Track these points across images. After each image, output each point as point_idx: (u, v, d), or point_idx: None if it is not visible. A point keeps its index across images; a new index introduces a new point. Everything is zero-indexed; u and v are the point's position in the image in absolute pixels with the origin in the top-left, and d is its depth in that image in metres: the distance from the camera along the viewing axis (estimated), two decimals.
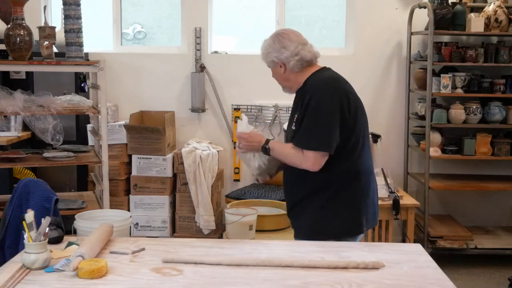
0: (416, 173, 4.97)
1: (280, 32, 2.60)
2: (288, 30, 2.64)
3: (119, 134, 4.74)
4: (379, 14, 4.96)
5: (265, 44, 2.59)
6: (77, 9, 3.53)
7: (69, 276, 1.93)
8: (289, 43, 2.54)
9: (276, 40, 2.55)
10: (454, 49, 4.62)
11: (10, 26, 3.38)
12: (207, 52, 5.03)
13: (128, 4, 5.31)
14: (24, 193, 2.52)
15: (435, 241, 4.56)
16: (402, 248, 2.33)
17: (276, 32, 2.62)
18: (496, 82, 4.60)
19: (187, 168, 4.60)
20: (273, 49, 2.55)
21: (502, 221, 5.15)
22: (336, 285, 1.90)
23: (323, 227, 2.51)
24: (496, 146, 4.62)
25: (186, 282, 1.92)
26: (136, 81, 5.03)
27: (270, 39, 2.58)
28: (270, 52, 2.56)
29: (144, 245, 2.24)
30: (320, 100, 2.44)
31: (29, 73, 4.60)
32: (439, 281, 1.98)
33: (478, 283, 4.34)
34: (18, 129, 4.36)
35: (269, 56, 2.57)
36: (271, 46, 2.56)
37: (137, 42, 5.50)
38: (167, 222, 4.75)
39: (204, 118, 5.05)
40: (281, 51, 2.54)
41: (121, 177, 4.75)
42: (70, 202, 3.75)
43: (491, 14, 4.51)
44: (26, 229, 2.02)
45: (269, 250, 2.22)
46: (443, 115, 4.58)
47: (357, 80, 5.00)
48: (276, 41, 2.55)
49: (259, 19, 5.39)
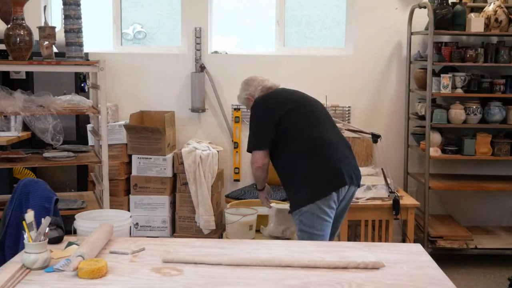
0: (416, 173, 4.97)
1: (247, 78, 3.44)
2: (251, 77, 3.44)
3: (119, 134, 4.74)
4: (379, 14, 4.96)
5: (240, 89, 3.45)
6: (77, 9, 3.53)
7: (69, 276, 1.93)
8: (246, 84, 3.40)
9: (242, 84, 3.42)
10: (454, 49, 4.62)
11: (10, 26, 3.38)
12: (207, 52, 5.03)
13: (128, 4, 5.30)
14: (24, 193, 2.52)
15: (435, 241, 4.56)
16: (402, 248, 2.33)
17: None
18: (496, 82, 4.60)
19: (187, 168, 4.60)
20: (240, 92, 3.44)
21: (502, 221, 5.15)
22: (336, 285, 1.90)
23: (295, 201, 3.08)
24: (496, 146, 4.62)
25: (186, 282, 1.92)
26: (136, 81, 5.03)
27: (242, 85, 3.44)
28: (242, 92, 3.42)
29: (144, 245, 2.24)
30: (255, 108, 3.26)
31: (29, 73, 4.60)
32: (439, 281, 1.98)
33: (478, 283, 4.34)
34: (18, 129, 4.36)
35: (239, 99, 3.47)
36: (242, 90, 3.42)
37: (137, 42, 5.50)
38: (167, 222, 4.75)
39: (204, 118, 5.05)
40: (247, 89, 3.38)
41: (121, 177, 4.75)
42: (70, 202, 3.75)
43: (491, 14, 4.51)
44: (26, 229, 2.01)
45: (269, 250, 2.22)
46: (443, 115, 4.58)
47: (357, 80, 5.04)
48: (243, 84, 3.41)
49: (259, 19, 5.39)
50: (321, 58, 4.99)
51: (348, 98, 4.98)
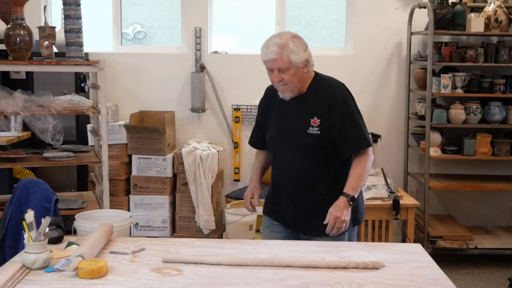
0: (416, 173, 4.97)
1: (294, 34, 2.58)
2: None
3: (119, 134, 4.74)
4: (379, 14, 4.96)
5: (294, 43, 2.51)
6: (77, 9, 3.53)
7: (69, 276, 1.93)
8: (306, 44, 2.58)
9: (299, 40, 2.54)
10: (454, 49, 4.62)
11: (10, 26, 3.38)
12: (207, 52, 5.03)
13: (128, 4, 5.30)
14: (24, 193, 2.52)
15: (435, 241, 4.56)
16: (402, 248, 2.33)
17: (290, 34, 2.58)
18: (496, 82, 4.60)
19: (187, 168, 4.60)
20: (303, 48, 2.53)
21: (502, 221, 5.15)
22: (336, 285, 1.90)
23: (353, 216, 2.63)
24: (496, 146, 4.62)
25: (186, 282, 1.92)
26: (136, 81, 5.03)
27: (294, 39, 2.52)
28: (301, 51, 2.52)
29: (144, 245, 2.24)
30: (351, 102, 2.62)
31: (29, 73, 4.60)
32: (439, 281, 1.98)
33: (478, 283, 4.34)
34: (18, 129, 4.36)
35: (302, 55, 2.52)
36: (302, 45, 2.53)
37: (137, 42, 5.50)
38: (167, 222, 4.75)
39: (204, 118, 5.05)
40: (307, 50, 2.56)
41: (121, 177, 4.75)
42: (70, 202, 3.75)
43: (491, 14, 4.51)
44: (26, 229, 2.02)
45: (269, 250, 2.22)
46: (443, 115, 4.58)
47: (357, 80, 5.03)
48: (301, 41, 2.55)
49: (259, 19, 5.39)
50: (321, 58, 4.94)
51: None
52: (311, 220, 2.62)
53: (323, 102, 2.57)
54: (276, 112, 2.69)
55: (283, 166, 2.68)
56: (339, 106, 2.56)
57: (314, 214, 2.60)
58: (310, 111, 2.59)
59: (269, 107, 2.74)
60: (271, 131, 2.72)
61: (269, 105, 2.73)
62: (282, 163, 2.68)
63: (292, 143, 2.63)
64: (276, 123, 2.69)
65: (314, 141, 2.57)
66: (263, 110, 2.79)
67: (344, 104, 2.57)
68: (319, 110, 2.57)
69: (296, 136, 2.61)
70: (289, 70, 2.51)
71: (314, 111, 2.58)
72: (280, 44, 2.48)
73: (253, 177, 2.88)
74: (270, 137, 2.73)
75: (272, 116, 2.72)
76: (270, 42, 2.52)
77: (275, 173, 2.76)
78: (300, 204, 2.65)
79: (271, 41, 2.52)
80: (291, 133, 2.63)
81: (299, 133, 2.60)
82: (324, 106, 2.57)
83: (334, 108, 2.55)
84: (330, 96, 2.58)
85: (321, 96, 2.59)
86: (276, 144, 2.70)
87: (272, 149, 2.76)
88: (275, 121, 2.69)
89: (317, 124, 2.57)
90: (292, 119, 2.63)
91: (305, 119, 2.59)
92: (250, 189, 2.82)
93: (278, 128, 2.67)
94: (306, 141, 2.58)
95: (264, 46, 2.54)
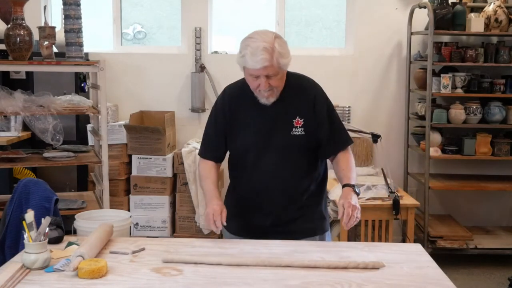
0: (416, 173, 4.97)
1: (275, 33, 2.34)
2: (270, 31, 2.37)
3: (119, 134, 4.74)
4: (379, 14, 4.96)
5: (280, 45, 2.28)
6: (77, 9, 3.54)
7: (69, 276, 1.93)
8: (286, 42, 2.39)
9: (282, 40, 2.34)
10: (454, 49, 4.62)
11: (10, 26, 3.38)
12: (207, 52, 5.03)
13: (128, 4, 5.31)
14: (24, 193, 2.52)
15: (435, 241, 4.56)
16: (402, 248, 2.33)
17: (271, 34, 2.32)
18: (496, 82, 4.60)
19: (187, 168, 4.60)
20: (287, 47, 2.33)
21: (502, 221, 5.15)
22: (336, 285, 1.90)
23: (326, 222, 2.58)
24: (496, 146, 4.62)
25: (186, 282, 1.92)
26: (136, 81, 5.03)
27: (278, 40, 2.29)
28: (288, 52, 2.32)
29: (144, 245, 2.24)
30: (329, 99, 2.50)
31: (29, 73, 4.60)
32: (439, 281, 1.98)
33: (478, 283, 4.34)
34: (18, 129, 4.36)
35: (289, 56, 2.33)
36: (286, 45, 2.33)
37: (137, 42, 5.50)
38: (167, 222, 4.75)
39: (204, 118, 5.02)
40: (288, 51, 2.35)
41: (121, 177, 4.75)
42: (70, 202, 3.75)
43: (491, 14, 4.51)
44: (26, 229, 2.02)
45: (269, 250, 2.22)
46: (443, 115, 4.58)
47: (357, 80, 5.04)
48: (283, 40, 2.34)
49: (259, 19, 5.39)
50: (321, 58, 4.99)
51: (348, 98, 4.98)
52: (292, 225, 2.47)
53: (305, 101, 2.42)
54: (248, 117, 2.43)
55: (263, 175, 2.42)
56: (323, 104, 2.44)
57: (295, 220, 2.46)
58: (291, 112, 2.41)
59: (235, 113, 2.46)
60: (244, 139, 2.44)
61: (236, 110, 2.46)
62: (263, 173, 2.42)
63: (274, 149, 2.41)
64: (250, 129, 2.42)
65: (299, 143, 2.40)
66: (227, 117, 2.47)
67: (327, 101, 2.47)
68: (302, 110, 2.41)
69: (279, 140, 2.40)
70: (277, 75, 2.31)
71: (296, 111, 2.41)
72: (268, 48, 2.24)
73: (214, 194, 2.44)
74: (242, 145, 2.45)
75: (242, 122, 2.44)
76: (256, 48, 2.24)
77: (249, 186, 2.47)
78: (282, 213, 2.46)
79: (256, 46, 2.25)
80: (272, 137, 2.40)
81: (282, 136, 2.40)
82: (306, 105, 2.42)
83: (319, 107, 2.42)
84: (314, 94, 2.44)
85: (302, 95, 2.43)
86: (254, 153, 2.43)
87: (244, 159, 2.46)
88: (249, 127, 2.42)
89: (300, 124, 2.40)
90: (272, 122, 2.41)
91: (287, 120, 2.40)
92: (218, 205, 2.37)
93: (254, 134, 2.41)
94: (290, 144, 2.40)
95: (250, 53, 2.25)
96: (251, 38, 2.29)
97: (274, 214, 2.46)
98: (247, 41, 2.29)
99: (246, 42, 2.29)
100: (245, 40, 2.31)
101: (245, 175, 2.48)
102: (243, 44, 2.30)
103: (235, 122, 2.46)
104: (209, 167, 2.54)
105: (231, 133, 2.47)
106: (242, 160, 2.48)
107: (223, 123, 2.49)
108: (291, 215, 2.47)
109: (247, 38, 2.31)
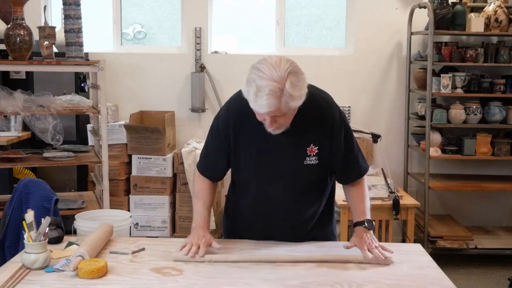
0: (416, 173, 4.97)
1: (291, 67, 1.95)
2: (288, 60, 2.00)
3: (119, 134, 4.74)
4: (379, 14, 4.96)
5: (293, 84, 1.91)
6: (77, 9, 3.54)
7: (69, 276, 1.93)
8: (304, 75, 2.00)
9: (298, 76, 1.95)
10: (454, 49, 4.62)
11: (10, 26, 3.38)
12: (207, 52, 5.03)
13: (128, 4, 5.30)
14: (24, 193, 2.52)
15: (435, 241, 4.56)
16: (402, 248, 2.33)
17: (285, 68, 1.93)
18: (496, 82, 4.60)
19: (187, 168, 4.60)
20: (303, 84, 1.97)
21: (502, 221, 5.15)
22: (336, 285, 1.90)
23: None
24: (496, 146, 4.62)
25: (186, 282, 1.92)
26: (136, 81, 5.03)
27: (292, 77, 1.92)
28: (302, 91, 1.96)
29: (144, 245, 2.24)
30: (346, 120, 2.22)
31: (29, 73, 4.60)
32: (439, 281, 1.98)
33: (478, 283, 4.33)
34: (18, 129, 4.36)
35: (303, 95, 1.97)
36: (301, 82, 1.96)
37: (137, 42, 5.50)
38: (167, 222, 4.75)
39: (204, 118, 5.05)
40: (305, 81, 1.99)
41: (121, 177, 4.75)
42: (70, 202, 3.75)
43: (491, 14, 4.50)
44: (26, 229, 2.01)
45: (269, 250, 2.22)
46: (443, 115, 4.58)
47: (357, 80, 5.04)
48: (300, 76, 1.96)
49: (259, 19, 5.39)
50: (321, 58, 4.99)
51: (348, 98, 4.97)
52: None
53: (322, 126, 2.13)
54: (253, 141, 2.14)
55: (267, 204, 2.23)
56: (340, 128, 2.15)
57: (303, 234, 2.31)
58: (305, 138, 2.13)
59: (239, 133, 2.15)
60: (247, 165, 2.19)
61: (240, 129, 2.15)
62: (269, 203, 2.22)
63: (281, 179, 2.17)
64: (257, 155, 2.15)
65: (312, 174, 2.16)
66: (230, 136, 2.16)
67: (344, 125, 2.18)
68: (317, 136, 2.13)
69: (288, 170, 2.15)
70: (287, 115, 1.99)
71: (311, 137, 2.13)
72: (277, 91, 1.88)
73: (201, 224, 2.19)
74: (245, 172, 2.22)
75: (246, 144, 2.16)
76: (262, 89, 1.89)
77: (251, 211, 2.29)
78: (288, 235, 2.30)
79: (263, 86, 1.89)
80: (281, 166, 2.15)
81: (292, 165, 2.15)
82: (323, 130, 2.13)
83: (336, 132, 2.14)
84: (332, 118, 2.13)
85: (318, 119, 2.12)
86: (257, 181, 2.20)
87: (246, 185, 2.25)
88: (255, 153, 2.15)
89: (314, 153, 2.14)
90: (281, 149, 2.13)
91: (299, 148, 2.13)
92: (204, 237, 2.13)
93: (262, 161, 2.15)
94: (302, 174, 2.16)
95: (254, 94, 1.91)
96: (259, 71, 1.92)
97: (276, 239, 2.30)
98: (254, 73, 1.93)
99: (253, 75, 1.93)
100: (253, 70, 1.95)
101: (247, 200, 2.30)
102: (250, 77, 1.94)
103: (238, 144, 2.17)
104: (205, 186, 2.31)
105: (234, 154, 2.20)
106: (245, 186, 2.27)
107: (225, 141, 2.19)
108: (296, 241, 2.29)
109: (256, 69, 1.94)
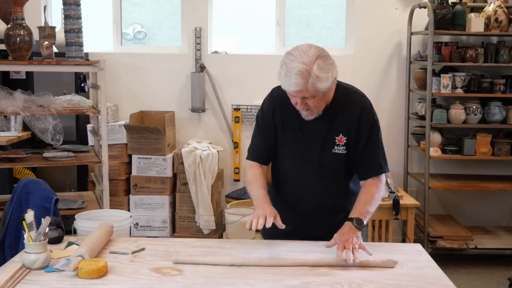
0: (416, 173, 4.97)
1: (319, 52, 2.13)
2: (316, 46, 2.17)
3: (119, 134, 4.75)
4: (379, 14, 4.96)
5: (320, 67, 2.09)
6: (77, 9, 3.54)
7: (69, 276, 1.93)
8: (332, 61, 2.17)
9: (326, 60, 2.12)
10: (454, 49, 4.62)
11: (10, 26, 3.38)
12: (207, 52, 5.03)
13: (128, 4, 5.31)
14: (24, 193, 2.52)
15: (435, 241, 4.56)
16: (402, 248, 2.33)
17: (314, 53, 2.12)
18: (496, 82, 4.60)
19: (187, 168, 4.60)
20: (330, 69, 2.13)
21: (502, 221, 5.15)
22: (336, 285, 1.90)
23: None
24: (496, 146, 4.62)
25: (186, 282, 1.92)
26: (136, 81, 5.03)
27: (319, 61, 2.09)
28: (329, 74, 2.12)
29: (144, 245, 2.24)
30: (376, 117, 2.33)
31: (29, 73, 4.60)
32: (439, 281, 1.98)
33: (478, 283, 4.34)
34: (18, 129, 4.36)
35: (330, 79, 2.13)
36: (329, 66, 2.13)
37: (137, 42, 5.50)
38: (167, 222, 4.75)
39: (204, 118, 5.05)
40: (334, 66, 2.16)
41: (121, 177, 4.75)
42: (70, 202, 3.75)
43: (491, 14, 4.51)
44: (26, 229, 2.02)
45: (269, 250, 2.22)
46: (443, 115, 4.58)
47: (357, 80, 5.00)
48: (327, 61, 2.13)
49: (259, 19, 5.39)
50: None
51: None
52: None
53: (352, 116, 2.27)
54: (292, 125, 2.31)
55: (301, 193, 2.36)
56: (368, 122, 2.28)
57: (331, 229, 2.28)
58: (335, 128, 2.28)
59: (281, 116, 2.33)
60: (288, 148, 2.34)
61: (282, 113, 2.33)
62: (301, 187, 2.35)
63: (312, 166, 2.31)
64: (293, 139, 2.32)
65: (339, 162, 2.29)
66: (275, 119, 2.34)
67: (373, 120, 2.30)
68: (346, 126, 2.27)
69: (319, 157, 2.29)
70: (316, 97, 2.16)
71: (340, 127, 2.27)
72: (304, 72, 2.07)
73: (264, 200, 2.27)
74: (286, 154, 2.35)
75: (286, 128, 2.33)
76: (291, 70, 2.09)
77: (284, 196, 2.40)
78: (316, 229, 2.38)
79: (292, 68, 2.09)
80: (313, 153, 2.30)
81: (323, 153, 2.29)
82: (352, 121, 2.26)
83: (363, 124, 2.27)
84: (361, 110, 2.28)
85: (349, 110, 2.28)
86: (295, 165, 2.34)
87: (286, 167, 2.38)
88: (290, 138, 2.32)
89: (343, 143, 2.28)
90: (314, 136, 2.29)
91: (329, 136, 2.28)
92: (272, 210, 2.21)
93: (297, 145, 2.31)
94: (331, 162, 2.29)
95: (284, 74, 2.12)
96: (290, 55, 2.13)
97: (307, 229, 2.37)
98: (286, 57, 2.14)
99: (285, 59, 2.14)
100: (286, 55, 2.16)
101: (281, 186, 2.42)
102: (282, 60, 2.16)
103: (280, 128, 2.33)
104: (256, 172, 2.38)
105: (277, 138, 2.35)
106: (282, 168, 2.38)
107: (270, 123, 2.34)
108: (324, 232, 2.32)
109: (288, 53, 2.15)
